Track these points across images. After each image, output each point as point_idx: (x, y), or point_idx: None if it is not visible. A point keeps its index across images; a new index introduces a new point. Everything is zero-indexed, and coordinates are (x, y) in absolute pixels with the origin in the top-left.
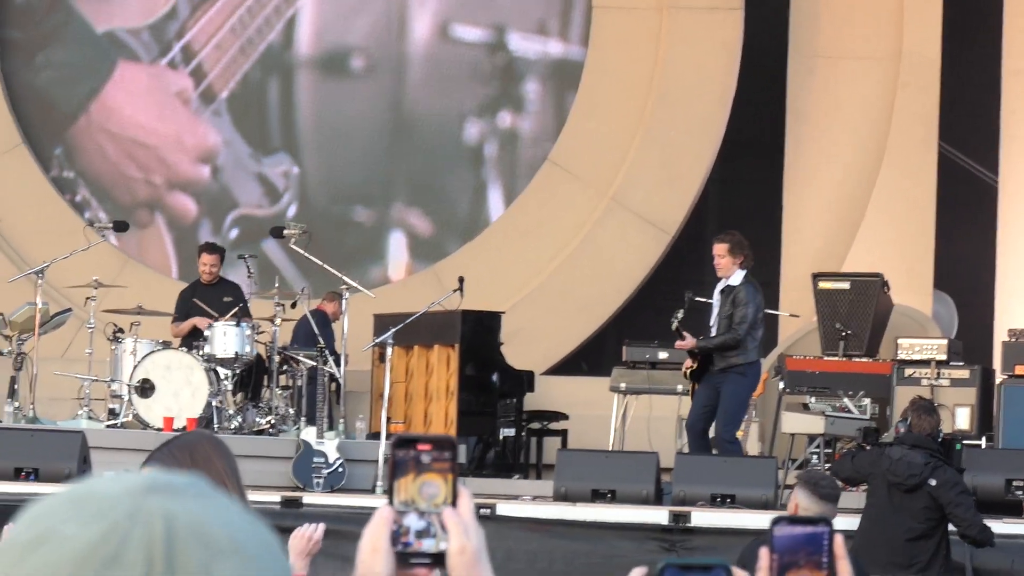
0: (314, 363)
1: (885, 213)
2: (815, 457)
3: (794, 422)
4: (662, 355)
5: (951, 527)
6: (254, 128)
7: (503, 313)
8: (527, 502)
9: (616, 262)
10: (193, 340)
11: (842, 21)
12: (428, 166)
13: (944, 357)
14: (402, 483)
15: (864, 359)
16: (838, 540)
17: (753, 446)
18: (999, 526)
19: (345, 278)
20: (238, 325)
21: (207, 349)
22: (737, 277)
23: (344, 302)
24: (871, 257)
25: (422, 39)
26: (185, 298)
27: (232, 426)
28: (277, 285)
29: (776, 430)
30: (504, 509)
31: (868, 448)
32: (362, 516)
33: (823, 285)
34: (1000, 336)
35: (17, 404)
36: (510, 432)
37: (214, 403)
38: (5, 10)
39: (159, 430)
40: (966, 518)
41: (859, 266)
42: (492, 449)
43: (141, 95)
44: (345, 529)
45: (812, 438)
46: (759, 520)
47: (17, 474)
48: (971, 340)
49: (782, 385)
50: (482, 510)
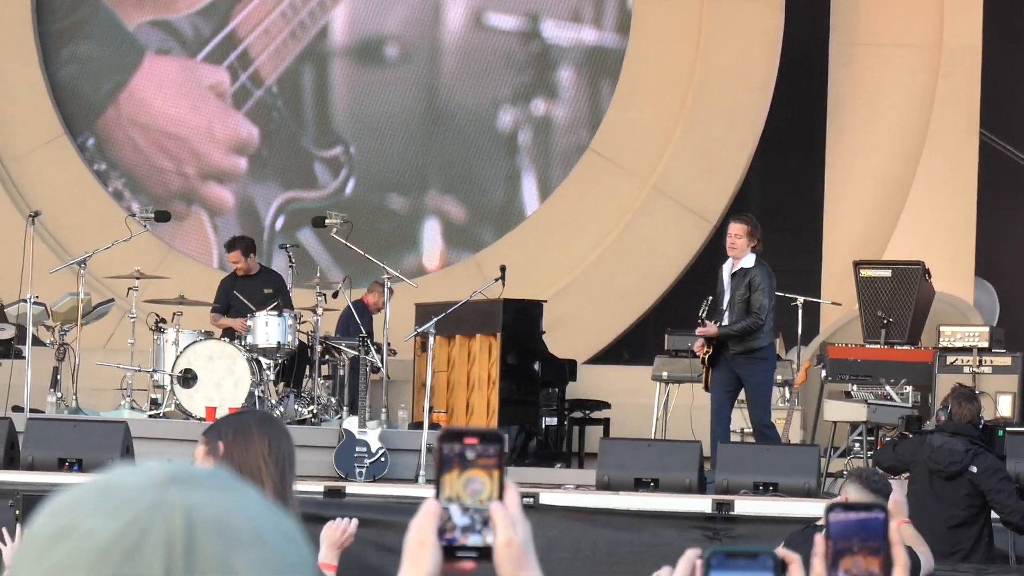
0: (356, 352)
1: (926, 201)
2: (857, 445)
3: (836, 410)
4: None
5: (993, 515)
6: (294, 117)
7: (545, 302)
8: (570, 491)
9: (658, 251)
10: (235, 330)
11: (883, 9)
12: (462, 154)
13: (986, 344)
14: (447, 479)
15: (906, 347)
16: (893, 527)
17: (795, 434)
18: None
19: (387, 268)
20: (280, 315)
21: (249, 339)
22: (749, 260)
23: (388, 291)
24: (912, 245)
25: (456, 27)
26: (225, 289)
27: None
28: (319, 275)
29: (818, 418)
30: (547, 498)
31: (910, 436)
32: (404, 506)
33: (864, 273)
34: None
35: (60, 394)
36: (552, 421)
37: (256, 393)
38: (38, 2)
39: (201, 420)
40: (1008, 505)
41: (900, 254)
42: (534, 438)
43: (171, 87)
44: (388, 519)
45: (854, 426)
46: (802, 508)
47: (60, 464)
48: (1013, 327)
49: (824, 373)
50: (525, 499)
